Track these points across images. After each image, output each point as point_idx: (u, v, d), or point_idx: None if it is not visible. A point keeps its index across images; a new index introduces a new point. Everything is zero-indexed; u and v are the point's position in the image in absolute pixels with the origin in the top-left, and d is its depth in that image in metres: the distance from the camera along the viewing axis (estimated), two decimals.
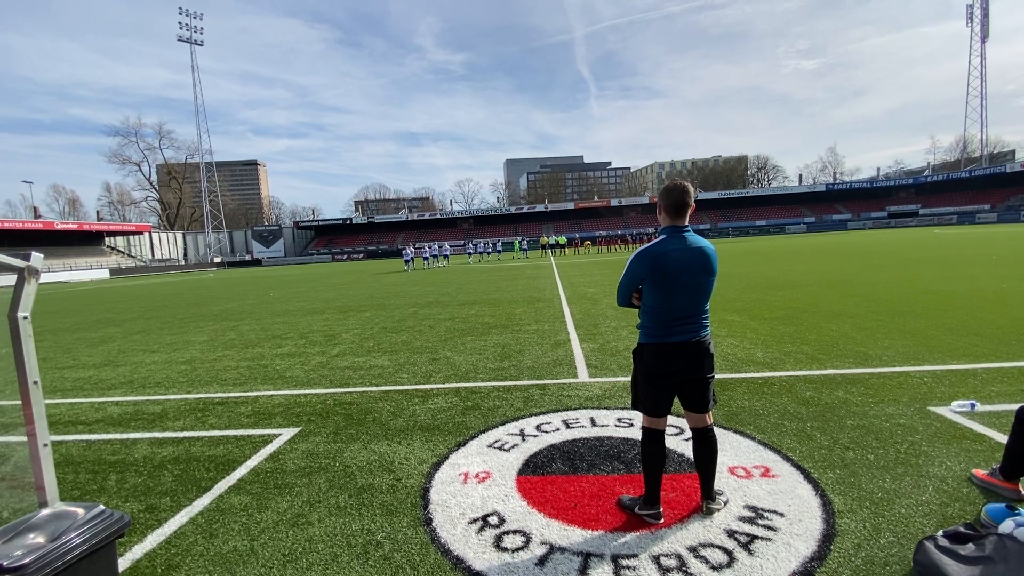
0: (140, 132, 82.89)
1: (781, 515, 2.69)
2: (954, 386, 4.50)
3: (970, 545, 2.18)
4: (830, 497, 2.83)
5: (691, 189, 2.61)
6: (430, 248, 38.22)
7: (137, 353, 8.41)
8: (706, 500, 2.77)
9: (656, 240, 2.61)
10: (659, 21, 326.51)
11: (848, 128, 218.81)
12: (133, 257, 66.99)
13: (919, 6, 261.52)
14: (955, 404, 4.02)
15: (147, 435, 4.48)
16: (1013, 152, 76.01)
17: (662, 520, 2.69)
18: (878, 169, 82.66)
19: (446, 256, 39.58)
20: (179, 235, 77.33)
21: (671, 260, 2.50)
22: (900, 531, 2.50)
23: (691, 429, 2.77)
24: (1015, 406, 2.87)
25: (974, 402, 3.99)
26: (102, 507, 2.17)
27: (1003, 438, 3.28)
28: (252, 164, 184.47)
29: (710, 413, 2.73)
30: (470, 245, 44.43)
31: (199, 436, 4.36)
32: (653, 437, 2.70)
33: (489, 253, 42.69)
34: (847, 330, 6.92)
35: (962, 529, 2.29)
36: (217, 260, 72.62)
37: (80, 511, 2.13)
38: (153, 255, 70.55)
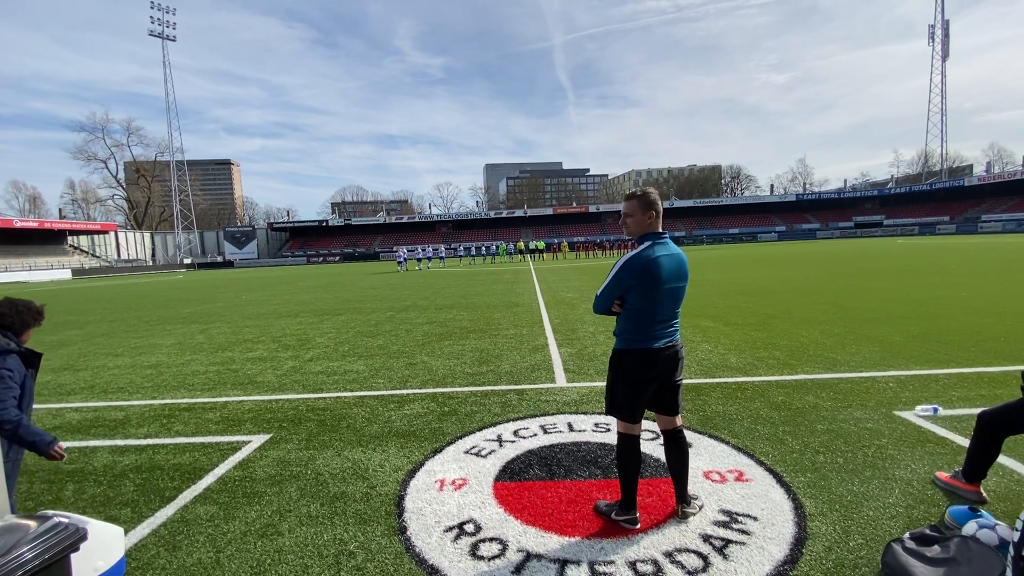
0: (107, 128, 79.99)
1: (755, 519, 2.72)
2: (918, 391, 4.64)
3: (935, 547, 2.24)
4: (801, 500, 2.88)
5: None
6: (424, 250, 41.03)
7: (99, 357, 8.09)
8: (681, 504, 2.79)
9: (643, 247, 2.59)
10: (636, 32, 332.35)
11: (817, 140, 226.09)
12: (97, 257, 64.56)
13: (883, 25, 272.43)
14: (919, 408, 4.15)
15: (108, 443, 4.29)
16: (971, 167, 79.58)
17: (639, 525, 2.69)
18: (845, 181, 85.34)
19: (442, 258, 41.58)
20: (147, 235, 74.88)
21: (661, 267, 2.53)
22: (868, 533, 2.55)
23: (662, 432, 2.81)
24: (976, 410, 2.98)
25: (937, 406, 4.13)
26: (57, 519, 2.06)
27: (965, 441, 3.40)
28: (225, 163, 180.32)
29: (680, 415, 2.79)
30: (462, 248, 46.42)
31: (164, 444, 4.20)
32: (630, 442, 2.69)
33: (484, 256, 43.76)
34: (817, 336, 7.10)
35: (928, 531, 2.36)
36: (187, 261, 70.52)
37: (32, 524, 2.01)
38: (119, 255, 68.09)
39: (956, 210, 65.17)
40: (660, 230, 2.65)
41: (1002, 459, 3.12)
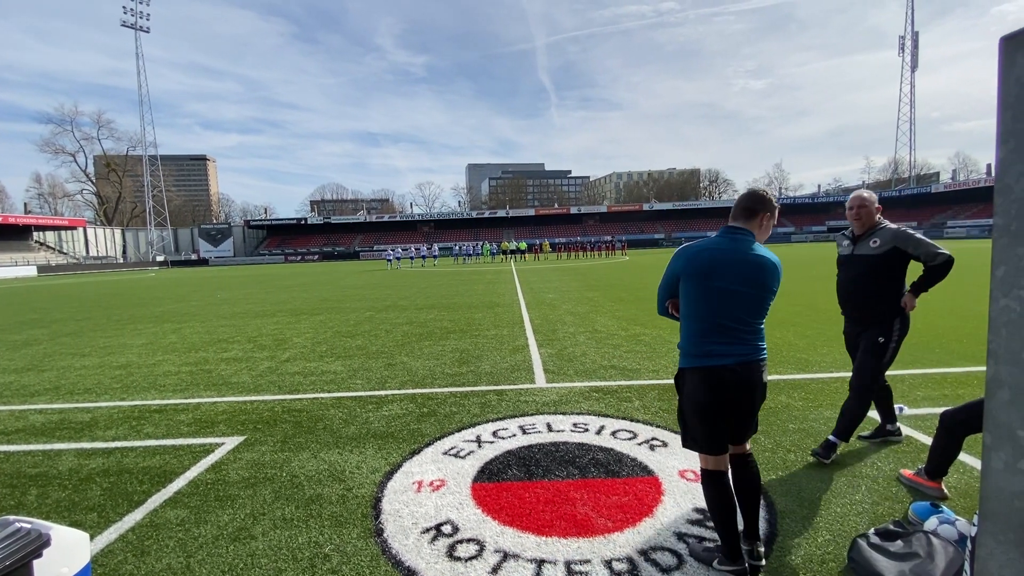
0: (76, 121, 77.42)
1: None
2: None
3: (899, 542, 2.32)
4: (772, 498, 2.95)
5: (769, 199, 2.31)
6: (418, 250, 45.59)
7: (65, 357, 7.83)
8: (753, 541, 2.29)
9: (705, 238, 2.30)
10: (617, 35, 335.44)
11: (792, 146, 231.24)
12: (65, 254, 62.46)
13: (856, 35, 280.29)
14: None
15: (74, 445, 4.16)
16: (937, 174, 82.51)
17: None
18: (819, 186, 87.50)
19: (435, 257, 43.78)
20: (118, 231, 72.68)
21: (714, 260, 2.17)
22: (836, 530, 2.63)
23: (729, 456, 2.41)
24: (939, 410, 3.09)
25: (902, 406, 4.26)
26: (18, 524, 1.99)
27: (928, 440, 3.52)
28: (200, 159, 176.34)
29: (749, 441, 2.39)
30: (455, 247, 48.79)
31: (133, 446, 4.09)
32: (714, 480, 2.25)
33: (468, 256, 44.81)
34: (790, 338, 7.27)
35: (891, 527, 2.43)
36: (160, 259, 68.70)
37: None
38: (88, 252, 65.97)
39: (923, 216, 67.34)
40: (742, 226, 2.28)
41: (963, 457, 3.24)
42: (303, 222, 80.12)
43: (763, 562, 2.28)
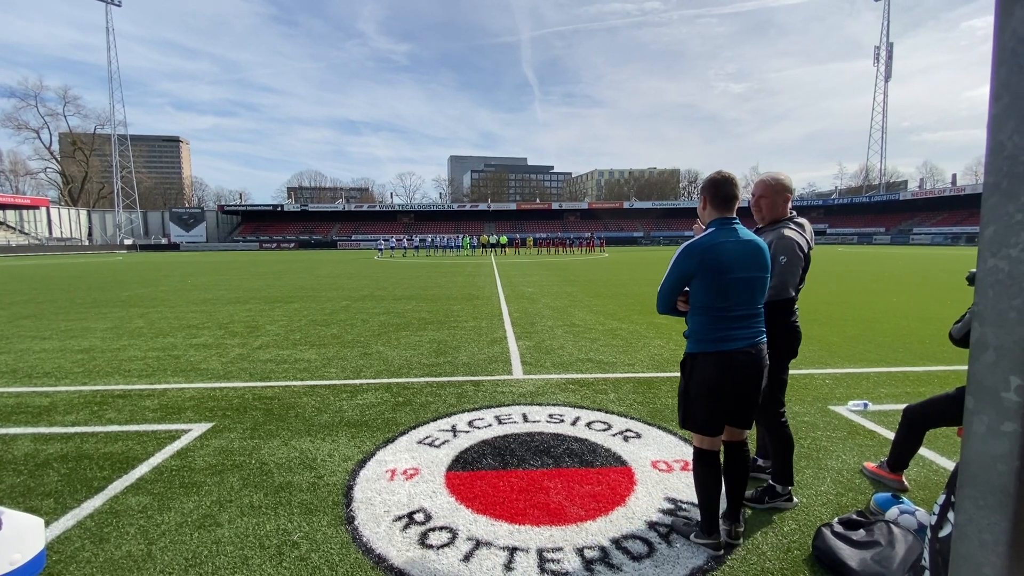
0: (41, 96, 74.63)
1: (698, 506, 2.81)
2: (851, 387, 4.93)
3: (861, 531, 2.39)
4: None
5: (738, 181, 2.38)
6: (410, 240, 48.78)
7: (24, 340, 7.51)
8: (732, 522, 2.49)
9: (704, 233, 2.33)
10: (602, 32, 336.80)
11: (769, 149, 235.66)
12: (26, 234, 59.87)
13: (833, 44, 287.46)
14: (851, 404, 4.41)
15: (31, 430, 4.00)
16: (906, 182, 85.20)
17: (722, 551, 2.43)
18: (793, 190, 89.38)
19: (427, 247, 46.12)
20: (83, 212, 69.82)
21: (724, 253, 2.24)
22: (801, 519, 2.70)
23: (724, 443, 2.50)
24: (901, 406, 3.19)
25: (867, 402, 4.41)
26: None
27: (890, 434, 3.63)
28: (173, 140, 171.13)
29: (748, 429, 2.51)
30: (435, 239, 50.65)
31: (94, 431, 3.95)
32: (708, 459, 2.40)
33: (459, 247, 46.15)
34: None
35: (854, 516, 2.51)
36: (128, 242, 66.46)
37: None
38: (51, 233, 63.33)
39: (891, 222, 69.57)
40: (732, 216, 2.34)
41: (923, 451, 3.36)
42: (279, 209, 78.34)
43: (740, 540, 2.50)
